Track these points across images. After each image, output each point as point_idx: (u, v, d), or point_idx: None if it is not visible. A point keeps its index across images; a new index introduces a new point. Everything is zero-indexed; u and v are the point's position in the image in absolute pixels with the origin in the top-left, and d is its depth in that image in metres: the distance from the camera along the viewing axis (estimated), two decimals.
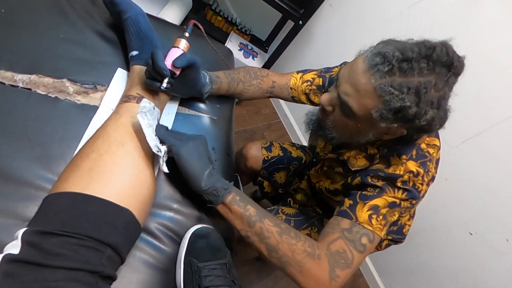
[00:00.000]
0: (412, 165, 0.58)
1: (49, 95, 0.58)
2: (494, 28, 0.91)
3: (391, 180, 0.59)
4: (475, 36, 0.95)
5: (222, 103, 0.79)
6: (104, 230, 0.42)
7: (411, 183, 0.58)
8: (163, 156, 0.53)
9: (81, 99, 0.61)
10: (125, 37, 0.67)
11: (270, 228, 0.54)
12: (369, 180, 0.60)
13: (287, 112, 1.74)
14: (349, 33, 1.32)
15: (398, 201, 0.59)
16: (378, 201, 0.59)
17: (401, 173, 0.58)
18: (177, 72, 0.59)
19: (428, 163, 0.59)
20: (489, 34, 0.92)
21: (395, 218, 0.61)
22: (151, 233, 0.57)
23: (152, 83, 0.58)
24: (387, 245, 0.86)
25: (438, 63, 0.49)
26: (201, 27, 0.63)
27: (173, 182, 0.62)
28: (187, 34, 0.61)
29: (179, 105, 0.72)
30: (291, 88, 0.82)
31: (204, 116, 0.75)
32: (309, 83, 0.80)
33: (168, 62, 0.57)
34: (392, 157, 0.60)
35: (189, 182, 0.55)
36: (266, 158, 0.97)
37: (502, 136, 0.94)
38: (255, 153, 0.98)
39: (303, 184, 0.93)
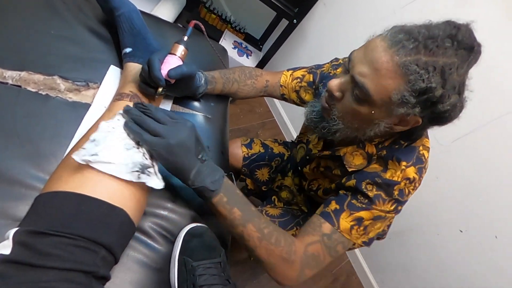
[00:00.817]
0: (411, 172, 0.56)
1: (40, 92, 0.57)
2: (484, 28, 0.92)
3: (387, 188, 0.57)
4: None
5: (217, 101, 0.79)
6: (98, 230, 0.41)
7: (406, 191, 0.57)
8: (150, 175, 0.47)
9: (73, 97, 0.60)
10: (118, 34, 0.67)
11: (251, 233, 0.54)
12: (363, 186, 0.58)
13: (281, 111, 1.74)
14: (343, 32, 1.33)
15: (384, 214, 0.58)
16: (364, 214, 0.58)
17: (399, 179, 0.56)
18: (172, 81, 0.59)
19: (423, 169, 0.58)
20: (480, 35, 0.94)
21: (375, 228, 0.60)
22: (145, 232, 0.57)
23: (147, 88, 0.58)
24: (371, 242, 0.87)
25: (461, 45, 0.47)
26: (203, 28, 0.62)
27: (167, 181, 0.62)
28: (185, 38, 0.60)
29: (173, 103, 0.71)
30: (281, 86, 0.81)
31: (198, 114, 0.74)
32: (299, 80, 0.79)
33: (164, 71, 0.57)
34: (391, 160, 0.57)
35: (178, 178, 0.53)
36: (246, 156, 0.95)
37: (492, 135, 0.96)
38: (234, 151, 0.94)
39: (287, 181, 0.91)
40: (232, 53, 1.50)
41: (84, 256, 0.39)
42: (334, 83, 0.56)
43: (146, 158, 0.48)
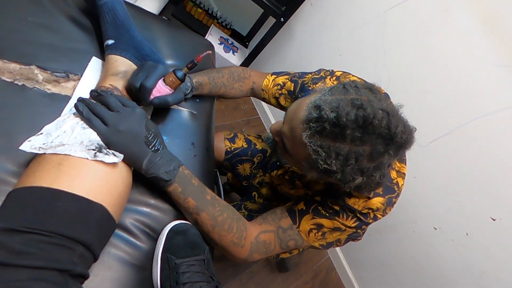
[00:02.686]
0: (375, 202, 0.57)
1: (16, 82, 0.54)
2: (461, 34, 0.97)
3: (349, 210, 0.59)
4: (444, 41, 1.01)
5: (203, 98, 0.78)
6: (75, 227, 0.40)
7: (371, 215, 0.59)
8: (106, 153, 0.47)
9: (52, 88, 0.57)
10: (101, 25, 0.64)
11: (205, 221, 0.58)
12: (328, 203, 0.60)
13: (266, 109, 1.75)
14: (329, 33, 1.35)
15: (343, 227, 0.60)
16: (325, 222, 0.61)
17: (359, 208, 0.58)
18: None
19: (393, 198, 0.59)
20: (457, 40, 0.98)
21: (333, 236, 0.63)
22: (127, 229, 0.55)
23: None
24: (346, 241, 0.89)
25: (374, 136, 0.45)
26: (213, 62, 0.63)
27: None
28: (185, 70, 0.59)
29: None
30: (262, 90, 0.81)
31: (183, 110, 0.73)
32: (279, 86, 0.79)
33: (154, 95, 0.59)
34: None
35: None
36: (228, 150, 0.95)
37: (465, 138, 1.01)
38: (217, 144, 0.94)
39: (268, 178, 0.92)
40: (218, 49, 1.49)
41: (59, 254, 0.38)
42: (273, 127, 0.60)
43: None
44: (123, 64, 0.61)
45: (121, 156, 0.48)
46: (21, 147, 0.42)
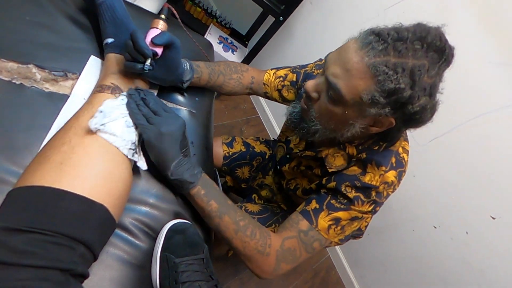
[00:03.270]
0: (390, 176, 0.58)
1: (13, 81, 0.53)
2: (461, 32, 0.96)
3: (366, 190, 0.58)
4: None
5: (202, 96, 0.78)
6: (76, 226, 0.40)
7: (385, 193, 0.59)
8: (139, 156, 0.53)
9: (50, 87, 0.57)
10: (100, 24, 0.64)
11: (227, 225, 0.57)
12: (343, 188, 0.59)
13: (265, 108, 1.75)
14: (328, 32, 1.35)
15: (361, 215, 0.60)
16: (342, 214, 0.60)
17: (377, 184, 0.58)
18: (159, 52, 0.57)
19: (403, 172, 0.60)
20: (457, 38, 0.98)
21: (352, 227, 0.62)
22: (126, 229, 0.55)
23: (134, 65, 0.55)
24: (347, 240, 0.89)
25: (431, 47, 0.47)
26: (175, 12, 0.62)
27: (150, 175, 0.60)
28: (163, 17, 0.60)
29: (158, 97, 0.70)
30: (264, 84, 0.80)
31: (182, 109, 0.73)
32: (281, 78, 0.79)
33: (148, 41, 0.56)
34: (370, 164, 0.58)
35: (157, 167, 0.56)
36: (227, 154, 0.95)
37: (466, 136, 1.01)
38: (215, 150, 0.93)
39: (268, 179, 0.92)
40: (218, 48, 1.48)
41: (61, 254, 0.38)
42: (310, 84, 0.57)
43: (138, 140, 0.53)
44: (122, 63, 0.61)
45: (146, 166, 0.53)
46: (89, 123, 0.46)
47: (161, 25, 0.60)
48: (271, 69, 0.82)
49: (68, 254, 0.38)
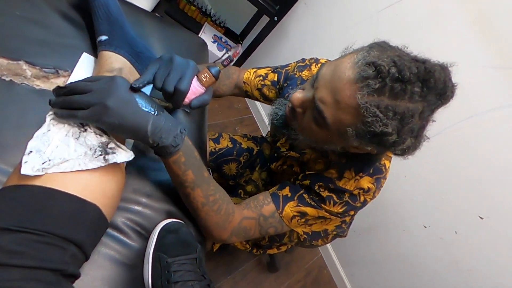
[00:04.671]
0: (365, 182, 0.58)
1: (3, 78, 0.52)
2: (452, 35, 0.98)
3: (338, 193, 0.58)
4: (436, 42, 1.02)
5: None
6: (68, 226, 0.39)
7: (361, 198, 0.59)
8: (114, 152, 0.44)
9: (41, 84, 0.56)
10: (93, 20, 0.63)
11: (197, 198, 0.56)
12: (316, 187, 0.59)
13: (259, 108, 1.75)
14: (322, 33, 1.36)
15: (329, 216, 0.60)
16: (310, 211, 0.61)
17: (351, 188, 0.58)
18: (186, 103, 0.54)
19: (382, 179, 0.60)
20: (448, 41, 1.00)
21: (317, 224, 0.63)
22: (118, 228, 0.55)
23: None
24: (333, 238, 0.90)
25: (432, 91, 0.44)
26: (234, 58, 0.57)
27: (143, 174, 0.60)
28: (220, 66, 0.54)
29: (150, 95, 0.69)
30: (244, 82, 0.79)
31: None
32: (261, 77, 0.77)
33: (188, 99, 0.52)
34: (348, 170, 0.58)
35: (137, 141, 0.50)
36: (213, 150, 0.93)
37: (456, 138, 1.02)
38: None
39: (255, 175, 0.91)
40: (212, 47, 1.48)
41: (52, 254, 0.37)
42: (297, 97, 0.54)
43: (101, 135, 0.45)
44: (117, 61, 0.60)
45: (129, 150, 0.45)
46: (24, 172, 0.38)
47: (208, 84, 0.53)
48: (252, 68, 0.80)
49: (59, 254, 0.38)
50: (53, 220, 0.38)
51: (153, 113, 0.46)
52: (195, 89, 0.52)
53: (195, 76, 0.52)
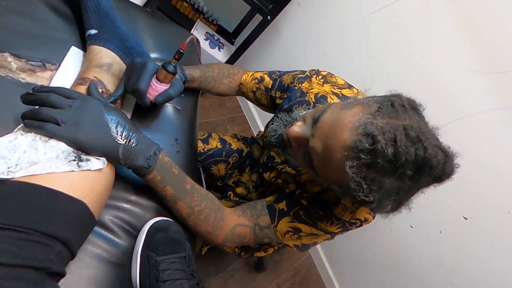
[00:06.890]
0: (362, 213, 0.58)
1: None
2: (441, 40, 1.01)
3: (335, 218, 0.59)
4: (424, 46, 1.04)
5: (188, 93, 0.77)
6: (53, 224, 0.38)
7: (358, 223, 0.60)
8: (88, 160, 0.44)
9: (26, 77, 0.54)
10: (82, 14, 0.61)
11: (181, 210, 0.57)
12: (315, 208, 0.60)
13: (251, 106, 1.75)
14: (315, 33, 1.36)
15: (322, 233, 0.61)
16: (304, 227, 0.61)
17: (347, 219, 0.58)
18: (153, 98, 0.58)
19: None
20: (437, 45, 1.02)
21: (309, 239, 0.64)
22: (105, 226, 0.54)
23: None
24: (307, 248, 0.91)
25: (425, 176, 0.43)
26: (198, 51, 0.61)
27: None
28: (174, 62, 0.55)
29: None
30: (241, 84, 0.79)
31: (167, 105, 0.72)
32: (256, 80, 0.78)
33: (151, 97, 0.57)
34: (346, 198, 0.55)
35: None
36: (201, 151, 0.92)
37: (442, 139, 1.05)
38: None
39: (245, 177, 0.90)
40: (204, 44, 1.47)
41: (36, 251, 0.36)
42: (294, 132, 0.52)
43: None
44: (107, 56, 0.59)
45: (104, 159, 0.45)
46: None
47: (166, 78, 0.56)
48: (250, 71, 0.81)
49: (43, 252, 0.37)
50: (38, 217, 0.37)
51: (124, 139, 0.47)
52: (155, 87, 0.56)
53: (155, 76, 0.56)
